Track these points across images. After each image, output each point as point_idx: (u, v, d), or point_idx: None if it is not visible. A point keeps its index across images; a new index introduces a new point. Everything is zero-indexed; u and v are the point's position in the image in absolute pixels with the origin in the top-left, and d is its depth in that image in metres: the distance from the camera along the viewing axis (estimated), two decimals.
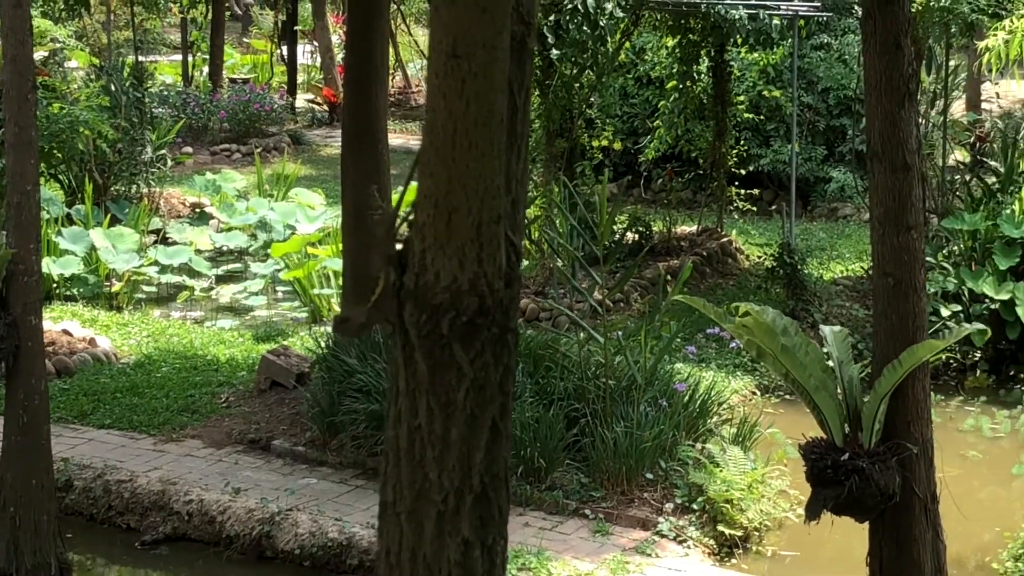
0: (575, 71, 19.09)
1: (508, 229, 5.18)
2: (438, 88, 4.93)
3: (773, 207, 25.94)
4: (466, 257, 5.00)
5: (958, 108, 31.21)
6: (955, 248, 18.36)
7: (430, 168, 5.01)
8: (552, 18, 18.12)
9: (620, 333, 13.69)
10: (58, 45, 19.97)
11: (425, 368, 5.13)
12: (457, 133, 4.91)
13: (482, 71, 4.87)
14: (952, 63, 23.61)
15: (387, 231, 5.14)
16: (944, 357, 16.67)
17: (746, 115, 24.17)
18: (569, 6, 17.75)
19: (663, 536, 12.08)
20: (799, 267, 18.70)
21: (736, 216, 24.69)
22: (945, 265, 17.89)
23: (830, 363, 8.95)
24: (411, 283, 5.10)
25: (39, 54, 18.41)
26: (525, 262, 19.55)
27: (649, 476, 12.77)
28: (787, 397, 15.77)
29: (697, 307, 9.09)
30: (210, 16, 38.68)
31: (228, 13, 46.00)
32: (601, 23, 17.74)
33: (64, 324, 17.84)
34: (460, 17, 4.85)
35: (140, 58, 28.64)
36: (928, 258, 17.28)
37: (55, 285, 20.43)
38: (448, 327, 5.06)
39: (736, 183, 23.56)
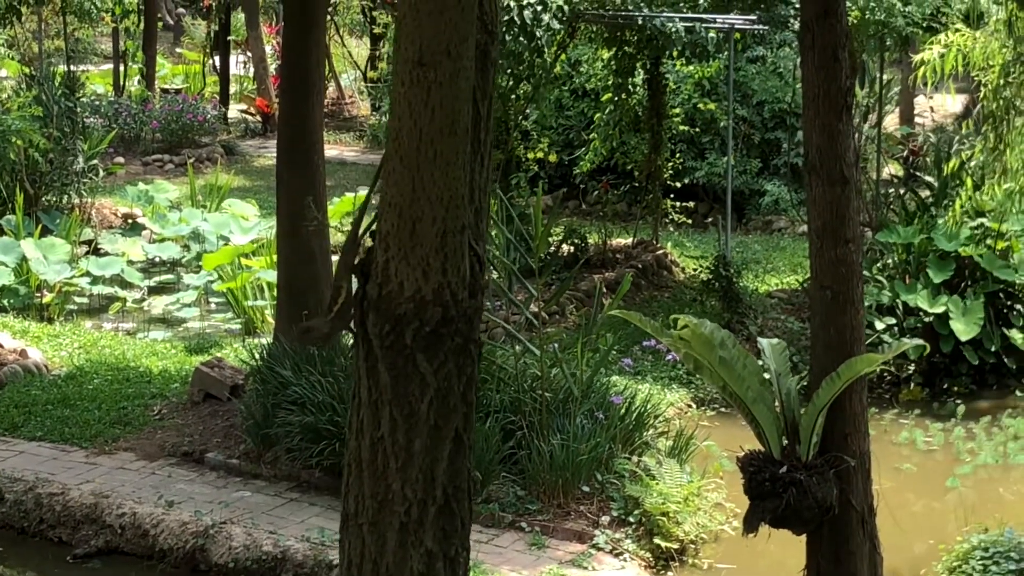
0: (511, 83, 19.07)
1: (472, 239, 5.15)
2: (404, 96, 4.91)
3: (708, 219, 26.00)
4: (430, 267, 5.00)
5: (891, 121, 31.42)
6: (889, 261, 18.46)
7: (394, 177, 4.98)
8: None
9: (556, 346, 13.66)
10: None
11: (388, 378, 5.12)
12: (422, 142, 4.91)
13: (447, 80, 4.87)
14: (886, 77, 23.75)
15: (350, 240, 5.09)
16: (879, 370, 16.73)
17: (681, 127, 24.20)
18: (505, 18, 17.74)
19: (599, 549, 12.05)
20: (734, 280, 18.74)
21: (672, 228, 24.72)
22: (880, 278, 17.98)
23: (767, 375, 8.97)
24: (374, 293, 5.07)
25: None
26: None
27: (585, 489, 12.74)
28: (723, 410, 15.79)
29: (633, 321, 9.08)
30: (142, 26, 38.42)
31: (160, 23, 45.69)
32: (538, 35, 17.74)
33: None
34: (425, 26, 4.83)
35: (72, 67, 28.41)
36: (863, 271, 17.34)
37: None
38: (411, 337, 5.06)
39: (671, 195, 23.58)
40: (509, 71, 18.65)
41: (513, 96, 19.39)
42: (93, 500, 12.87)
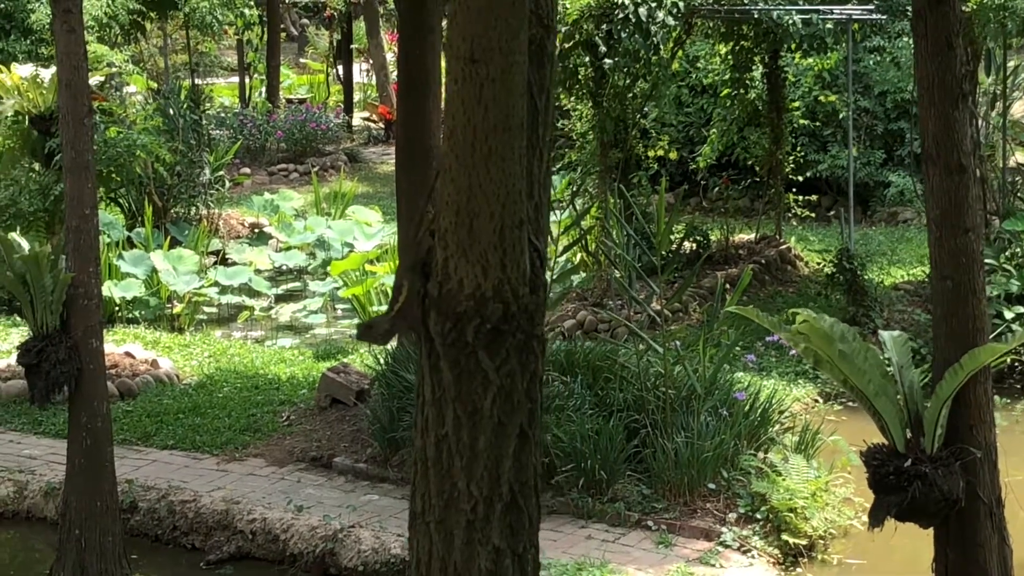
0: (628, 81, 19.05)
1: (531, 234, 5.12)
2: (456, 94, 4.89)
3: (832, 213, 25.75)
4: (489, 263, 4.96)
5: (1019, 108, 30.92)
6: (1018, 250, 18.18)
7: (451, 175, 4.96)
8: (604, 28, 18.09)
9: (679, 343, 13.63)
10: (114, 70, 20.10)
11: (451, 377, 5.09)
12: (476, 138, 4.87)
13: (500, 75, 4.82)
14: (1012, 63, 23.39)
15: (411, 239, 5.10)
16: (1009, 360, 16.49)
17: (802, 121, 24.04)
18: (620, 16, 17.72)
19: (727, 546, 12.01)
20: (859, 273, 18.56)
21: (795, 223, 24.53)
22: (1008, 267, 17.72)
23: (890, 368, 8.87)
24: (435, 291, 5.06)
25: (95, 79, 18.51)
26: (582, 274, 19.52)
27: (711, 486, 12.70)
28: (850, 404, 15.64)
29: (751, 316, 9.03)
30: (266, 38, 38.83)
31: (284, 34, 46.17)
32: (653, 32, 17.70)
33: (127, 347, 17.94)
34: (476, 21, 4.80)
35: (197, 81, 28.80)
36: (991, 260, 17.11)
37: (117, 308, 20.57)
38: (473, 335, 5.02)
39: (794, 190, 23.41)
40: (626, 69, 18.63)
41: (630, 95, 19.36)
42: (224, 507, 13.05)
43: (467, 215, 4.93)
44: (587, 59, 18.92)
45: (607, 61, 18.35)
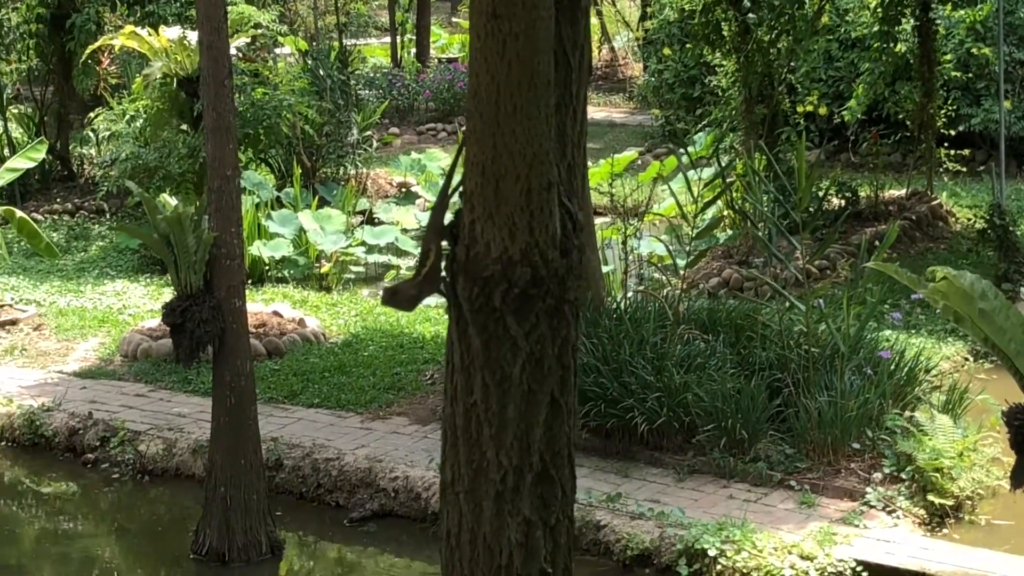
0: (772, 36, 18.81)
1: (564, 196, 4.94)
2: (479, 51, 4.72)
3: (983, 168, 25.25)
4: (516, 226, 4.79)
5: None
6: None
7: (476, 135, 4.77)
8: None
9: (823, 301, 13.46)
10: (260, 31, 20.26)
11: (479, 342, 4.93)
12: (500, 97, 4.70)
13: (523, 31, 4.64)
14: None
15: (439, 201, 4.96)
16: None
17: (954, 74, 23.57)
18: None
19: (871, 507, 11.86)
20: (1011, 229, 18.20)
21: (946, 178, 24.10)
22: None
23: None
24: (462, 255, 4.91)
25: (242, 40, 18.68)
26: (728, 232, 19.35)
27: (856, 446, 12.55)
28: (1000, 363, 15.35)
29: (889, 273, 8.88)
30: None
31: None
32: None
33: (275, 306, 18.14)
34: None
35: (350, 41, 28.92)
36: None
37: (266, 268, 20.81)
38: (500, 299, 4.86)
39: (945, 144, 22.99)
40: (770, 24, 18.40)
41: (774, 50, 19.11)
42: (367, 464, 13.16)
43: (492, 176, 4.77)
44: (730, 14, 18.72)
45: (751, 16, 18.14)
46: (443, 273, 5.01)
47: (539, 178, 4.78)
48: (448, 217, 4.99)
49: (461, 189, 4.94)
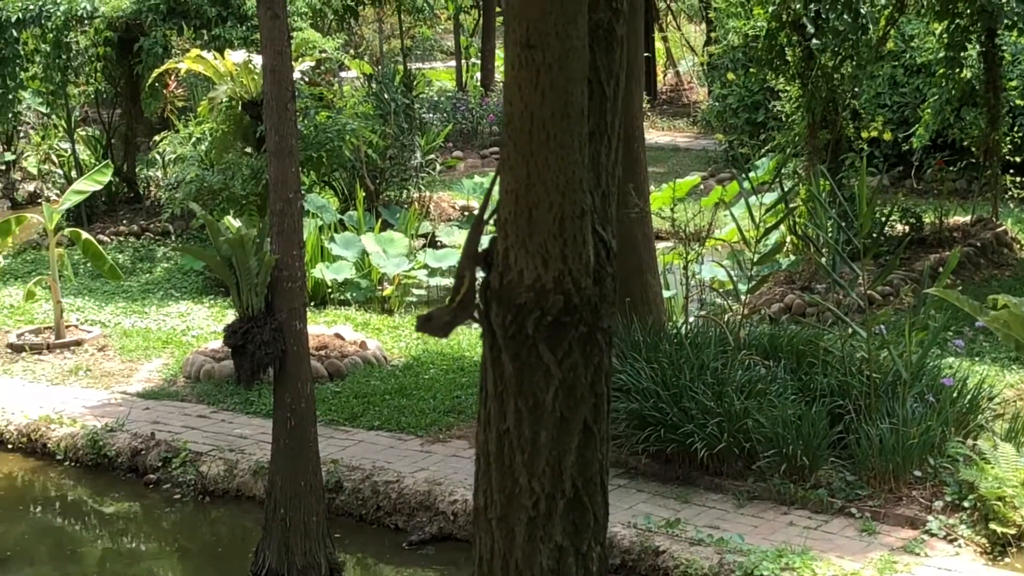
0: (836, 61, 18.75)
1: (597, 224, 4.95)
2: (514, 79, 4.74)
3: None
4: (549, 254, 4.80)
5: None
6: None
7: (510, 163, 4.80)
8: (812, 7, 17.82)
9: (884, 327, 13.39)
10: (325, 55, 20.39)
11: (512, 369, 4.94)
12: (534, 126, 4.72)
13: (557, 61, 4.66)
14: None
15: (474, 228, 4.98)
16: None
17: (1019, 101, 23.42)
18: None
19: (932, 535, 11.76)
20: None
21: (1012, 205, 23.93)
22: None
23: None
24: (495, 282, 4.92)
25: (306, 64, 18.81)
26: (791, 257, 19.28)
27: (917, 474, 12.46)
28: None
29: (950, 300, 8.84)
30: (481, 21, 39.07)
31: (500, 17, 46.39)
32: (862, 11, 17.40)
33: (337, 328, 18.21)
34: (532, 6, 4.64)
35: (416, 65, 29.04)
36: None
37: (329, 290, 20.91)
38: (533, 327, 4.88)
39: (1011, 171, 22.84)
40: (834, 49, 18.34)
41: (838, 75, 19.04)
42: (427, 487, 13.17)
43: (526, 204, 4.79)
44: (794, 39, 18.68)
45: (815, 41, 18.09)
46: (477, 300, 5.02)
47: (572, 206, 4.81)
48: (483, 244, 5.00)
49: (496, 217, 4.96)
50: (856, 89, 20.07)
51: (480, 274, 5.04)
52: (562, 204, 4.76)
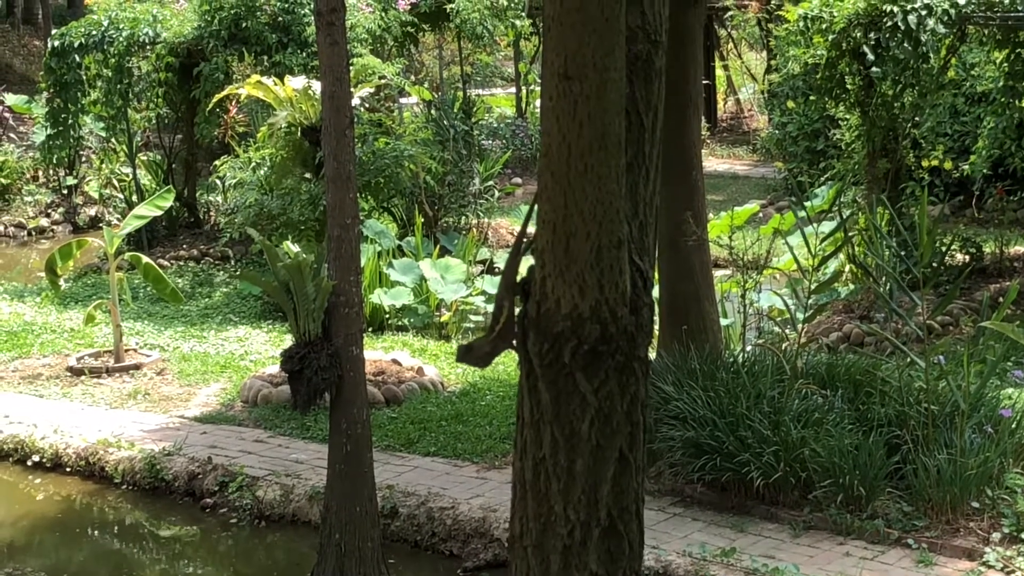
0: (896, 90, 18.69)
1: (635, 254, 4.98)
2: (551, 110, 4.78)
3: None
4: (586, 284, 4.83)
5: None
6: None
7: (547, 192, 4.84)
8: (872, 36, 17.77)
9: (943, 357, 13.31)
10: (384, 81, 20.48)
11: (548, 398, 4.97)
12: (572, 156, 4.75)
13: (594, 92, 4.69)
14: None
15: (511, 258, 5.01)
16: None
17: None
18: (889, 24, 17.40)
19: (990, 567, 11.67)
20: None
21: None
22: None
23: None
24: (533, 311, 4.96)
25: (365, 90, 18.89)
26: (849, 286, 19.20)
27: (975, 505, 12.36)
28: None
29: (1007, 332, 8.77)
30: (540, 48, 39.10)
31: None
32: (923, 40, 17.34)
33: (394, 354, 18.25)
34: (569, 38, 4.67)
35: (477, 91, 29.10)
36: None
37: (387, 316, 20.96)
38: (570, 356, 4.91)
39: None
40: (894, 78, 18.28)
41: (897, 104, 18.98)
42: (482, 514, 13.17)
43: (563, 234, 4.82)
44: (854, 67, 18.63)
45: (875, 70, 18.03)
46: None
47: (609, 236, 4.83)
48: (522, 273, 5.03)
49: (533, 246, 4.99)
50: (916, 118, 20.00)
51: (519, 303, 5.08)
52: (599, 234, 4.79)
